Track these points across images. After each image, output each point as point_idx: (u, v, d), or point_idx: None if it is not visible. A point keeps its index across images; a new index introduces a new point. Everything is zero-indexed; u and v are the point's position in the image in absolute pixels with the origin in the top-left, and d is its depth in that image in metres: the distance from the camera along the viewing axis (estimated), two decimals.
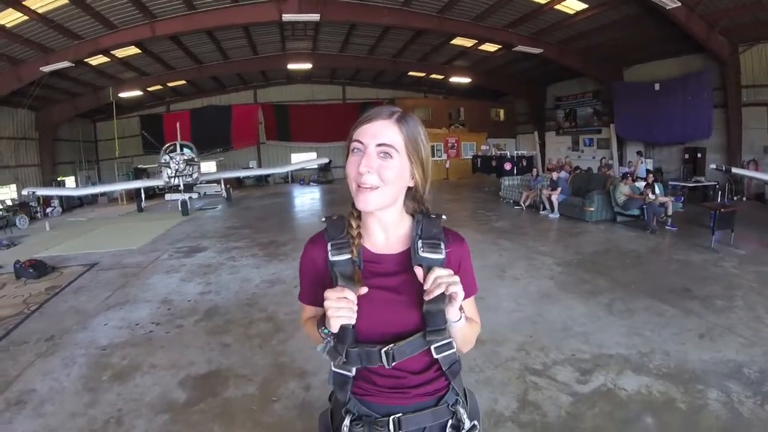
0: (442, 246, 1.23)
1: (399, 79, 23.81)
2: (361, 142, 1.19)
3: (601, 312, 5.12)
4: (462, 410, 1.29)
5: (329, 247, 1.26)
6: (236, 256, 8.35)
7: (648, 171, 13.04)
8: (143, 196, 15.85)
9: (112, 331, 4.97)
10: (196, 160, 15.12)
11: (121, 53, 14.62)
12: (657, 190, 9.82)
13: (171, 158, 14.56)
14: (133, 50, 14.61)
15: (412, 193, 1.30)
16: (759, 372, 3.65)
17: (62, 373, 4.03)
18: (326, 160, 20.38)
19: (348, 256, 1.24)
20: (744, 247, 7.53)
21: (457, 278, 1.13)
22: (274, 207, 15.75)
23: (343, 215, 1.32)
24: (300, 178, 24.43)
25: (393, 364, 1.20)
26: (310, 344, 4.33)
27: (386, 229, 1.29)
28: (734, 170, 9.75)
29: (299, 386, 3.68)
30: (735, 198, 12.43)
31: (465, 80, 21.18)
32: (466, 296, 1.22)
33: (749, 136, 13.25)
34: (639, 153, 15.98)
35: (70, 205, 17.48)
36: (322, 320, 1.19)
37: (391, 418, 1.24)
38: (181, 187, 14.67)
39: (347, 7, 13.27)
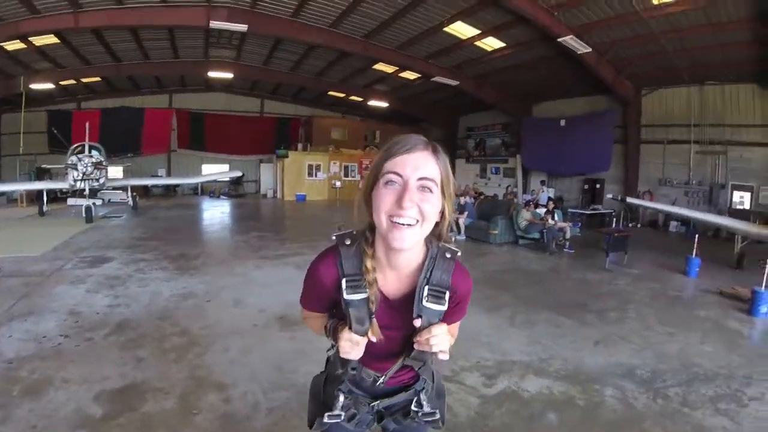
0: (446, 296, 1.25)
1: (319, 97, 23.94)
2: (399, 175, 1.13)
3: (504, 324, 5.42)
4: (424, 397, 1.44)
5: (344, 284, 1.25)
6: (145, 268, 7.89)
7: (549, 198, 14.04)
8: (45, 198, 14.46)
9: (17, 344, 4.53)
10: (104, 163, 14.13)
11: (39, 41, 13.52)
12: (556, 217, 10.61)
13: (79, 160, 13.44)
14: (52, 39, 13.54)
15: (435, 230, 1.25)
16: (650, 372, 4.07)
17: None
18: (239, 174, 19.72)
19: (363, 296, 1.24)
20: (637, 267, 8.35)
21: (447, 338, 1.25)
22: (182, 219, 15.07)
23: (356, 237, 1.27)
24: (210, 190, 23.60)
25: (382, 384, 1.40)
26: (228, 358, 4.29)
27: (400, 267, 1.27)
28: (628, 199, 10.79)
29: (219, 398, 3.59)
30: (630, 224, 13.70)
31: (383, 104, 21.77)
32: (457, 320, 1.40)
33: (646, 169, 14.83)
34: (542, 182, 17.20)
35: None
36: (332, 333, 1.34)
37: (373, 404, 1.44)
38: (87, 192, 13.59)
39: (276, 22, 13.21)
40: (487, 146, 21.90)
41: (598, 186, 16.01)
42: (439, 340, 1.21)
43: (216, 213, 16.99)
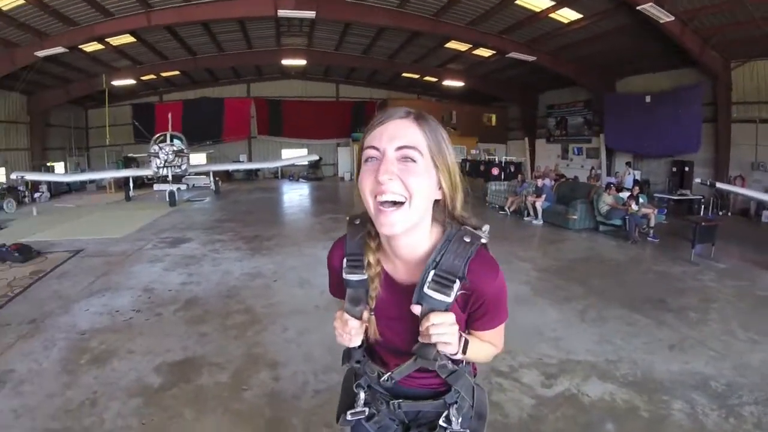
0: (456, 285, 1.06)
1: (393, 79, 23.79)
2: (376, 148, 1.02)
3: (573, 318, 5.14)
4: (455, 413, 1.26)
5: (345, 263, 1.20)
6: (220, 248, 8.36)
7: (636, 181, 13.11)
8: (131, 185, 15.69)
9: (93, 317, 5.00)
10: (185, 151, 15.05)
11: (115, 41, 14.47)
12: (641, 201, 9.87)
13: (160, 148, 14.49)
14: (127, 39, 14.45)
15: (440, 208, 1.14)
16: (726, 385, 3.65)
17: (42, 355, 4.08)
18: (316, 157, 20.33)
19: (361, 276, 1.17)
20: (724, 261, 7.57)
21: (453, 330, 1.05)
22: (261, 202, 15.72)
23: (366, 216, 1.14)
24: (290, 174, 24.35)
25: (393, 383, 1.26)
26: (285, 337, 4.45)
27: (409, 253, 1.14)
28: (718, 185, 9.81)
29: (270, 376, 3.74)
30: (720, 213, 12.51)
31: (458, 84, 21.17)
32: (490, 327, 1.20)
33: (737, 152, 13.34)
34: (628, 164, 16.07)
35: (58, 191, 17.30)
36: None
37: (392, 402, 1.31)
38: (170, 178, 14.59)
39: (343, 6, 13.23)
40: (569, 125, 20.61)
41: (686, 169, 14.66)
42: (440, 330, 1.03)
43: (294, 196, 17.60)
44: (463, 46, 16.47)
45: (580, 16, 12.32)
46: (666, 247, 8.74)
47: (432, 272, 1.07)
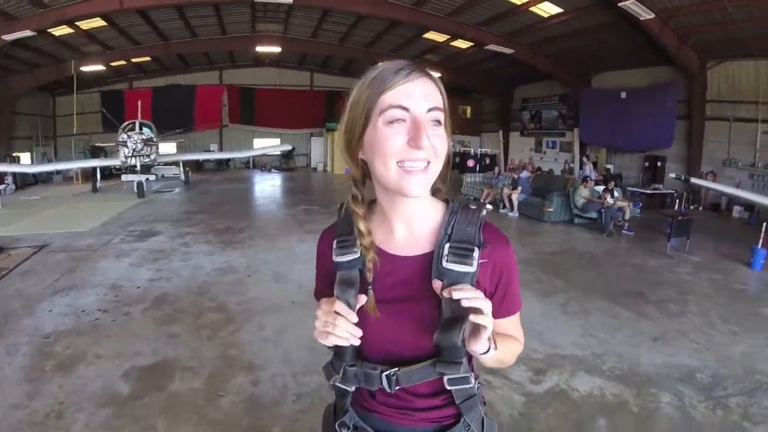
0: (476, 253, 0.95)
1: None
2: (404, 109, 0.89)
3: (556, 312, 5.13)
4: None
5: (334, 245, 1.05)
6: (190, 242, 8.09)
7: (612, 175, 13.27)
8: (99, 175, 15.10)
9: (57, 318, 4.71)
10: (155, 140, 14.53)
11: (86, 25, 13.79)
12: (616, 194, 9.97)
13: (129, 137, 13.95)
14: (98, 22, 13.78)
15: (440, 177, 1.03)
16: (711, 377, 3.67)
17: (4, 362, 3.80)
18: (289, 147, 19.88)
19: (353, 256, 1.01)
20: (699, 255, 7.69)
21: (487, 304, 0.85)
22: (233, 192, 15.39)
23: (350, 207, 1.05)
24: (261, 164, 23.87)
25: (396, 389, 1.00)
26: (262, 336, 4.27)
27: (411, 221, 1.02)
28: (693, 180, 9.97)
29: (247, 381, 3.56)
30: (692, 207, 12.77)
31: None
32: (508, 314, 1.05)
33: (710, 148, 13.62)
34: (587, 156, 16.44)
35: (24, 182, 16.42)
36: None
37: None
38: (138, 168, 14.06)
39: None
40: (544, 119, 20.75)
41: (659, 164, 14.92)
42: (472, 302, 0.84)
43: (266, 186, 17.28)
44: (441, 37, 16.34)
45: (560, 10, 12.34)
46: (641, 240, 8.86)
47: (447, 245, 0.96)
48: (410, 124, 0.89)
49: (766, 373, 3.77)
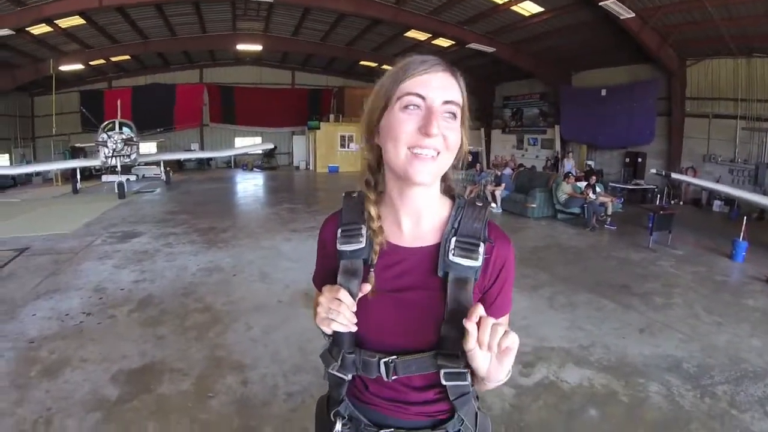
0: (481, 249, 0.98)
1: (351, 67, 23.40)
2: (421, 97, 0.93)
3: (543, 305, 5.16)
4: None
5: (339, 233, 1.06)
6: (173, 242, 7.96)
7: (593, 171, 13.41)
8: (79, 176, 14.78)
9: (40, 322, 4.57)
10: (135, 139, 14.26)
11: (64, 23, 13.51)
12: (598, 189, 10.09)
13: (109, 137, 13.68)
14: (77, 20, 13.50)
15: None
16: (697, 367, 3.73)
17: None
18: (271, 146, 19.67)
19: (358, 246, 1.03)
20: (681, 248, 7.82)
21: (514, 339, 0.84)
22: (215, 192, 15.18)
23: (362, 191, 1.07)
24: (243, 163, 23.61)
25: (393, 378, 1.01)
26: (249, 336, 4.20)
27: (419, 213, 1.04)
28: (674, 175, 10.15)
29: (236, 381, 3.51)
30: (672, 202, 13.00)
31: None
32: (500, 315, 1.04)
33: (689, 144, 13.89)
34: (570, 152, 16.61)
35: (3, 185, 16.00)
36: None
37: (382, 431, 1.07)
38: (119, 169, 13.78)
39: None
40: (525, 116, 20.97)
41: (640, 160, 15.15)
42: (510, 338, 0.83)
43: (248, 185, 17.13)
44: (422, 36, 16.38)
45: (541, 9, 12.45)
46: (624, 235, 8.97)
47: (453, 239, 0.99)
48: (424, 111, 0.93)
49: (751, 362, 3.84)
